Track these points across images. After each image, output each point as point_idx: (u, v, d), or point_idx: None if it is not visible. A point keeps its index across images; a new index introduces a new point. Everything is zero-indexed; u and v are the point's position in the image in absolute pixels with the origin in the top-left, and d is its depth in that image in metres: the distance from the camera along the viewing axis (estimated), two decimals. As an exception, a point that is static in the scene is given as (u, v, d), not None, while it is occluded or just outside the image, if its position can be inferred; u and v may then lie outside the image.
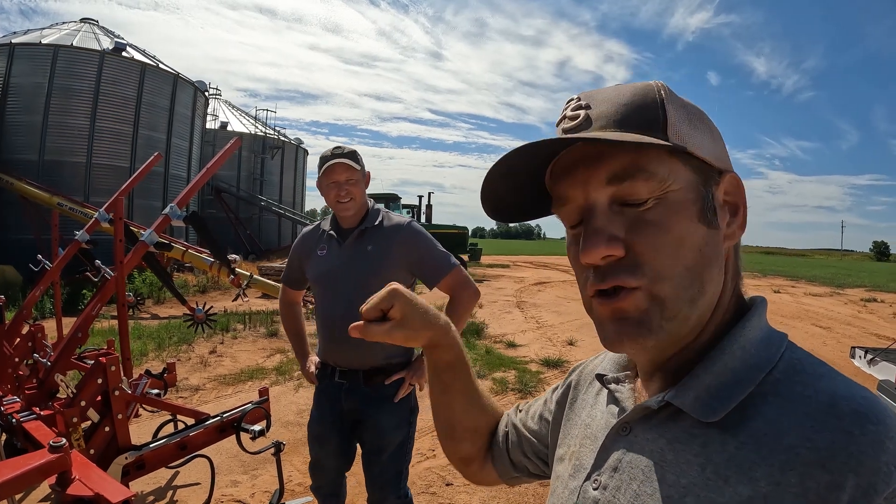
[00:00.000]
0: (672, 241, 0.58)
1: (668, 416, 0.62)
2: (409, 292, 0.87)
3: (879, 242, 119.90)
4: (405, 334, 0.85)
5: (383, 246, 2.39)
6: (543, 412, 0.94)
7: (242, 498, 3.71)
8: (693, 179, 0.61)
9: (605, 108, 0.62)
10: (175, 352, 7.68)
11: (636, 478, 0.62)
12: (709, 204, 0.61)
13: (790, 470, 0.50)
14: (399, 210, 23.14)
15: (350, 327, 0.84)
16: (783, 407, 0.54)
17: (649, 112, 0.60)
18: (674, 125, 0.60)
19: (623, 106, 0.61)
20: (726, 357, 0.60)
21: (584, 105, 0.64)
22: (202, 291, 14.23)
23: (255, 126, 31.21)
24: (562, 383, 0.93)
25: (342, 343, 2.36)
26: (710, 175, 0.62)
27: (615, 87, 0.65)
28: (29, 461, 1.70)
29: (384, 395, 2.39)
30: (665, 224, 0.59)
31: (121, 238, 3.09)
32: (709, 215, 0.61)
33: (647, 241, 0.59)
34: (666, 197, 0.59)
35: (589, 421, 0.78)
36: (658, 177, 0.58)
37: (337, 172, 2.35)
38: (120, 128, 17.77)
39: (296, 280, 2.67)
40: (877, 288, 23.78)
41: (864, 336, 10.79)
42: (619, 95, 0.62)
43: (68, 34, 18.30)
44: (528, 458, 0.96)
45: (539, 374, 6.96)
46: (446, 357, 0.94)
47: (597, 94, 0.65)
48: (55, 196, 13.01)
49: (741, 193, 0.65)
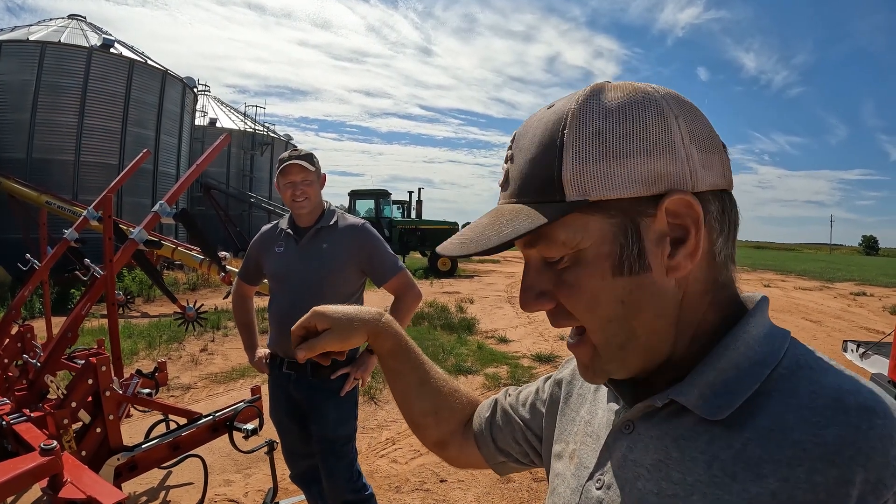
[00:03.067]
0: (587, 299, 0.60)
1: (671, 412, 0.61)
2: (329, 307, 0.94)
3: (868, 237, 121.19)
4: (338, 337, 0.91)
5: (337, 245, 2.54)
6: (536, 402, 0.93)
7: (236, 497, 3.70)
8: (606, 230, 0.58)
9: (518, 166, 0.62)
10: (166, 350, 7.64)
11: (641, 476, 0.61)
12: (628, 252, 0.58)
13: (798, 466, 0.50)
14: (389, 206, 23.10)
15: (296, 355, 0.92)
16: (789, 403, 0.54)
17: (545, 169, 0.58)
18: (572, 176, 0.56)
19: (528, 162, 0.60)
20: (730, 353, 0.59)
21: (510, 157, 0.64)
22: (192, 289, 14.16)
23: (245, 122, 31.06)
24: (555, 374, 0.92)
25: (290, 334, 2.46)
26: (635, 212, 0.57)
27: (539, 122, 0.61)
28: (20, 464, 1.69)
29: (331, 388, 2.52)
30: (577, 284, 0.60)
31: (110, 236, 3.06)
32: (629, 263, 0.58)
33: (566, 300, 0.61)
34: (578, 256, 0.59)
35: (589, 418, 0.77)
36: (559, 241, 0.59)
37: (293, 173, 2.51)
38: (108, 125, 17.62)
39: (252, 275, 2.82)
40: (866, 282, 24.01)
41: (853, 329, 10.89)
42: (531, 143, 0.60)
43: (56, 31, 18.11)
44: (518, 443, 0.95)
45: (531, 370, 6.98)
46: (387, 345, 0.98)
47: (522, 137, 0.63)
48: (43, 194, 12.87)
49: (693, 214, 0.57)
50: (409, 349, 1.01)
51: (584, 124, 0.57)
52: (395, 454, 4.46)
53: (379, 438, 4.79)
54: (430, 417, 1.03)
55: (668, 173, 0.56)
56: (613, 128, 0.56)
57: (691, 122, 0.58)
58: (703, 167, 0.57)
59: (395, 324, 1.00)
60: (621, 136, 0.56)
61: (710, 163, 0.58)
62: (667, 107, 0.57)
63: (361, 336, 0.94)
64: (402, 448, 4.58)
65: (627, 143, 0.55)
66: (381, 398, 5.81)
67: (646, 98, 0.57)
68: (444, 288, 16.31)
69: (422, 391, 1.01)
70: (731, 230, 0.62)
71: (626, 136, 0.56)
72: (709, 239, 0.59)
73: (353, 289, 2.60)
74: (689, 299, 0.61)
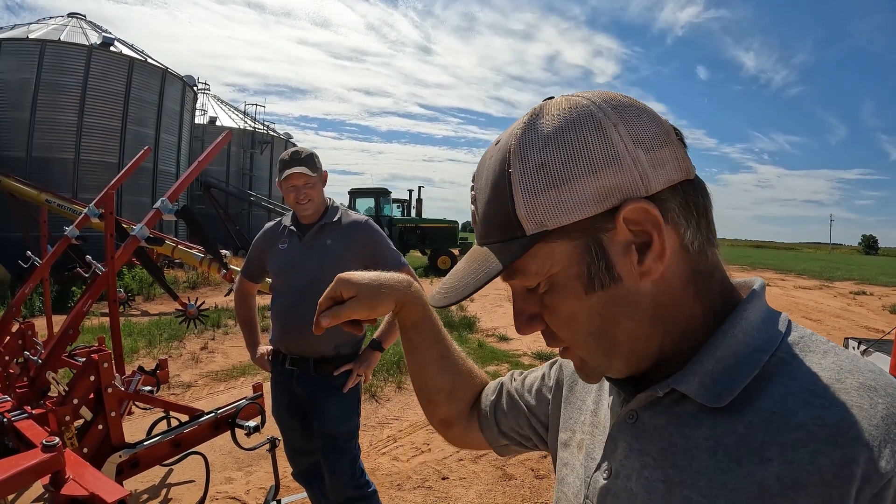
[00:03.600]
0: (566, 319, 0.62)
1: (674, 400, 0.62)
2: (356, 273, 0.91)
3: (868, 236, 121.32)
4: (365, 305, 0.87)
5: (341, 241, 2.56)
6: (542, 388, 0.94)
7: (238, 495, 3.70)
8: (571, 253, 0.59)
9: (480, 209, 0.64)
10: (166, 349, 7.64)
11: (647, 465, 0.62)
12: (595, 269, 0.59)
13: (802, 448, 0.50)
14: (389, 205, 23.07)
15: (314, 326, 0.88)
16: (790, 386, 0.54)
17: (501, 208, 0.59)
18: (527, 212, 0.57)
19: (486, 205, 0.62)
20: (728, 341, 0.59)
21: (473, 198, 0.67)
22: (192, 287, 14.17)
23: (244, 121, 31.02)
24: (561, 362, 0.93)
25: (293, 331, 2.52)
26: (595, 230, 0.58)
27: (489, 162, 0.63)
28: (21, 461, 1.67)
29: (333, 385, 2.53)
30: (556, 307, 0.62)
31: (112, 233, 3.05)
32: (598, 279, 0.59)
33: (550, 321, 0.64)
34: (551, 280, 0.61)
35: (595, 408, 0.78)
36: (531, 270, 0.61)
37: (294, 178, 2.52)
38: (108, 123, 17.62)
39: (255, 272, 2.83)
40: (865, 281, 24.01)
41: (853, 328, 10.89)
42: (486, 185, 0.62)
43: (55, 29, 18.10)
44: (521, 428, 0.96)
45: (531, 368, 6.95)
46: (412, 316, 0.96)
47: (479, 178, 0.65)
48: (43, 193, 12.87)
49: (651, 220, 0.57)
50: (434, 322, 0.99)
51: (525, 158, 0.57)
52: (396, 452, 4.46)
53: (380, 436, 4.79)
54: (443, 394, 1.02)
55: (618, 185, 0.56)
56: (554, 155, 0.56)
57: (632, 125, 0.57)
58: (652, 168, 0.57)
59: (423, 293, 0.98)
60: (563, 162, 0.56)
61: (660, 160, 0.58)
62: (604, 118, 0.57)
63: (389, 304, 0.91)
64: (403, 446, 4.58)
65: (571, 167, 0.56)
66: (383, 396, 5.81)
67: (581, 114, 0.57)
68: (444, 286, 16.26)
69: (442, 366, 1.01)
70: (701, 216, 0.61)
71: (567, 161, 0.56)
72: (676, 235, 0.59)
73: None
74: (670, 296, 0.61)
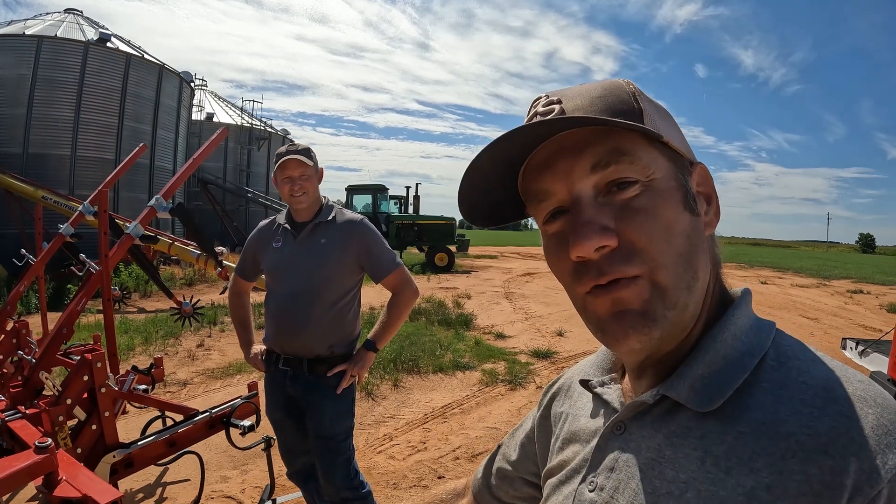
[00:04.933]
0: (663, 227, 0.57)
1: (663, 411, 0.62)
2: None
3: (865, 235, 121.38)
4: None
5: (336, 240, 2.53)
6: (524, 441, 0.93)
7: (233, 494, 3.69)
8: (672, 168, 0.61)
9: (578, 102, 0.61)
10: (162, 346, 7.61)
11: (634, 476, 0.61)
12: (689, 192, 0.62)
13: (792, 457, 0.50)
14: (387, 201, 23.07)
15: None
16: (780, 395, 0.54)
17: (624, 104, 0.60)
18: (649, 115, 0.60)
19: (597, 98, 0.61)
20: (718, 345, 0.60)
21: (556, 100, 0.62)
22: (189, 284, 14.12)
23: (242, 117, 31.01)
24: (537, 407, 0.92)
25: (287, 331, 2.50)
26: (684, 165, 0.63)
27: (583, 85, 0.65)
28: (14, 462, 1.66)
29: (327, 385, 2.51)
30: (654, 210, 0.57)
31: (105, 231, 3.04)
32: (691, 203, 0.61)
33: (639, 228, 0.57)
34: (651, 184, 0.58)
35: (575, 430, 0.77)
36: (642, 161, 0.58)
37: (290, 168, 2.49)
38: (105, 120, 17.59)
39: (249, 271, 2.80)
40: (863, 279, 24.03)
41: (850, 327, 10.91)
42: (590, 90, 0.62)
43: (52, 25, 18.06)
44: (519, 491, 0.95)
45: (529, 366, 6.97)
46: None
47: (566, 90, 0.64)
48: (40, 189, 12.86)
49: (711, 183, 0.66)
50: None
51: (641, 92, 0.63)
52: (392, 450, 4.45)
53: (376, 434, 4.78)
54: None
55: (690, 151, 0.66)
56: (657, 104, 0.65)
57: None
58: None
59: None
60: (664, 112, 0.65)
61: None
62: None
63: None
64: (399, 444, 4.58)
65: (668, 118, 0.65)
66: (379, 394, 5.80)
67: None
68: (441, 283, 16.31)
69: None
70: None
71: (666, 113, 0.66)
72: None
73: (351, 285, 2.57)
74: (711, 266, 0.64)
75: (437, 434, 4.83)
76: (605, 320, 0.59)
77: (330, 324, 2.49)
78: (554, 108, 0.61)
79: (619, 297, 0.57)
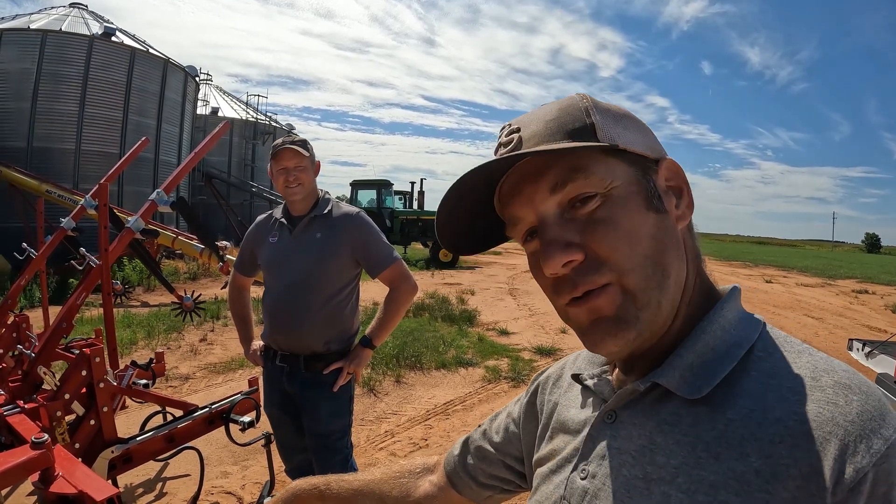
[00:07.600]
0: (625, 234, 0.61)
1: (654, 399, 0.64)
2: None
3: (871, 234, 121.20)
4: None
5: (332, 234, 2.50)
6: (509, 424, 0.94)
7: (233, 489, 3.68)
8: (631, 173, 0.64)
9: (534, 128, 0.65)
10: (165, 340, 7.61)
11: (625, 463, 0.63)
12: (652, 191, 0.64)
13: (780, 442, 0.52)
14: (391, 197, 23.09)
15: None
16: (767, 383, 0.57)
17: (577, 121, 0.64)
18: (601, 128, 0.63)
19: (551, 121, 0.64)
20: (707, 336, 0.63)
21: (516, 129, 0.67)
22: (193, 279, 14.15)
23: (247, 112, 31.01)
24: (525, 393, 0.94)
25: (284, 327, 2.48)
26: (647, 166, 0.66)
27: (542, 107, 0.68)
28: (9, 458, 1.65)
29: (324, 383, 2.48)
30: (615, 219, 0.61)
31: (106, 225, 3.02)
32: (655, 202, 0.64)
33: (602, 238, 0.61)
34: (610, 194, 0.62)
35: (564, 419, 0.79)
36: (598, 175, 0.61)
37: (286, 158, 2.45)
38: (109, 114, 17.57)
39: (247, 266, 2.78)
40: (868, 279, 23.97)
41: (856, 327, 10.86)
42: (546, 114, 0.66)
43: (57, 19, 18.04)
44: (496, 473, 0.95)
45: (532, 363, 6.95)
46: None
47: (525, 117, 0.68)
48: (44, 183, 12.86)
49: (681, 176, 0.68)
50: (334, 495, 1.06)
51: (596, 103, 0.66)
52: (393, 447, 4.44)
53: (378, 431, 4.77)
54: None
55: (657, 148, 0.68)
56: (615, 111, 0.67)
57: None
58: None
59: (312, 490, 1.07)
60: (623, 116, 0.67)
61: None
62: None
63: None
64: (400, 441, 4.56)
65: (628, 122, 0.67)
66: (381, 390, 5.79)
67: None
68: (445, 279, 16.31)
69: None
70: None
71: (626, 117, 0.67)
72: None
73: (348, 279, 2.55)
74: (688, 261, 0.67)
75: (438, 431, 4.81)
76: (585, 328, 0.63)
77: (326, 319, 2.47)
78: (513, 137, 0.66)
79: (594, 305, 0.62)
